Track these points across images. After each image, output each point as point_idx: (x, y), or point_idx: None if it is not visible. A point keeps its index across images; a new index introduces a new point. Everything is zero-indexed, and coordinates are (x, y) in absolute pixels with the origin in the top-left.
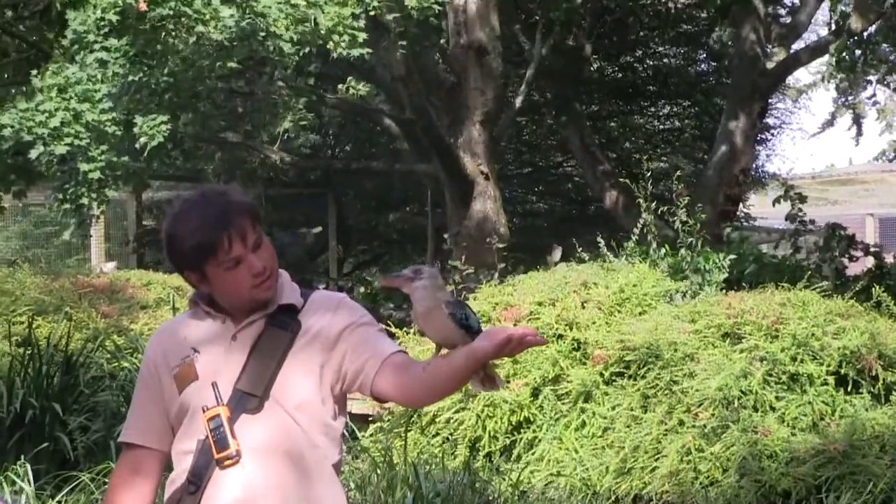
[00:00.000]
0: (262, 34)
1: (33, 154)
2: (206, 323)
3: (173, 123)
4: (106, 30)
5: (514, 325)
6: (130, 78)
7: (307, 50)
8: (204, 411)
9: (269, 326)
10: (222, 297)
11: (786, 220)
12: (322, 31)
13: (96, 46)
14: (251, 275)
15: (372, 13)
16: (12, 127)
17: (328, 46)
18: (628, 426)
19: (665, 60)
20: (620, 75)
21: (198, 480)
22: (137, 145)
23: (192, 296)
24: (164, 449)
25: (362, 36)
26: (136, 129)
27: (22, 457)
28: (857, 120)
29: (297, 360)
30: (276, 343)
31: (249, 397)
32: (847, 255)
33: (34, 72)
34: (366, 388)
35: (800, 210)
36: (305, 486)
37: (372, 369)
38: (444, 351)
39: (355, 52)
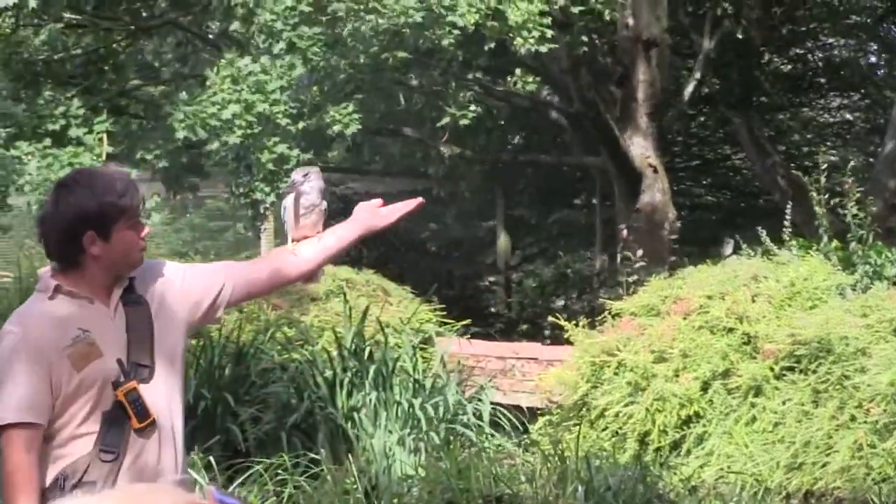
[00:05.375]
0: (445, 26)
1: (212, 147)
2: (77, 306)
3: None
4: (295, 19)
5: (684, 319)
6: (322, 65)
7: (491, 45)
8: (115, 387)
9: (128, 303)
10: (115, 258)
11: None
12: (510, 26)
13: (284, 35)
14: (141, 237)
15: (557, 7)
16: (184, 121)
17: (515, 42)
18: (799, 421)
19: (835, 52)
20: (790, 67)
21: (115, 449)
22: (331, 132)
23: (53, 283)
24: (46, 424)
25: (550, 32)
26: (327, 119)
27: (195, 447)
28: None
29: (161, 323)
30: (142, 315)
31: (142, 368)
32: None
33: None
34: (230, 298)
35: None
36: (183, 423)
37: (230, 281)
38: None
39: (543, 49)
